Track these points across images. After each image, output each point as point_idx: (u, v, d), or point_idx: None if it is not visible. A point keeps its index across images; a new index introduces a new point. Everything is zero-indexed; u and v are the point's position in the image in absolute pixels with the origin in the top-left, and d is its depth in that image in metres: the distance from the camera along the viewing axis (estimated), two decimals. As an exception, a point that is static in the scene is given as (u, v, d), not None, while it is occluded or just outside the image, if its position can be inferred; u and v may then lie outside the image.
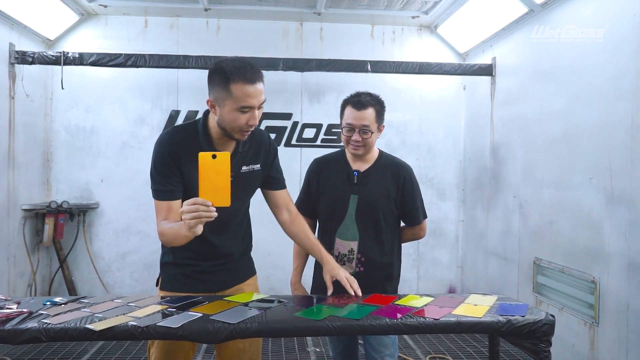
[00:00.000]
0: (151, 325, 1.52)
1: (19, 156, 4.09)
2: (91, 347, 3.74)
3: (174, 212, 1.80)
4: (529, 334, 1.66)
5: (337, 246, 2.23)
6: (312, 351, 3.75)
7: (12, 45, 3.95)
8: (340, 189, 2.23)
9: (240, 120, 1.74)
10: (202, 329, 1.54)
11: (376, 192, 2.20)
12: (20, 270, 4.12)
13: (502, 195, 4.11)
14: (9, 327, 1.48)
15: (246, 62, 1.75)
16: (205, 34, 4.69)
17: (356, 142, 2.14)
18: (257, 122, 1.78)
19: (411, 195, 2.25)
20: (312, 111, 4.83)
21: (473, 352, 3.77)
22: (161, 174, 1.80)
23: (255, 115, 1.75)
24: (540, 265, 3.51)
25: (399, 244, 2.34)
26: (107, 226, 4.66)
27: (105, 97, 4.62)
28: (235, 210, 1.92)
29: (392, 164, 2.27)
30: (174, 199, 1.82)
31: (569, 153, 3.18)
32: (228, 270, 1.99)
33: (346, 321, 1.62)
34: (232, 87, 1.69)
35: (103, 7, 4.41)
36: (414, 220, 2.30)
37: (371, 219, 2.20)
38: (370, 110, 2.13)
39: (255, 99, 1.72)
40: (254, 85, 1.71)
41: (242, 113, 1.73)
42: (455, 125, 4.98)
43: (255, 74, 1.72)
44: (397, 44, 4.89)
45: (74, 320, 1.54)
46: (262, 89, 1.75)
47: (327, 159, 2.36)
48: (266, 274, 4.74)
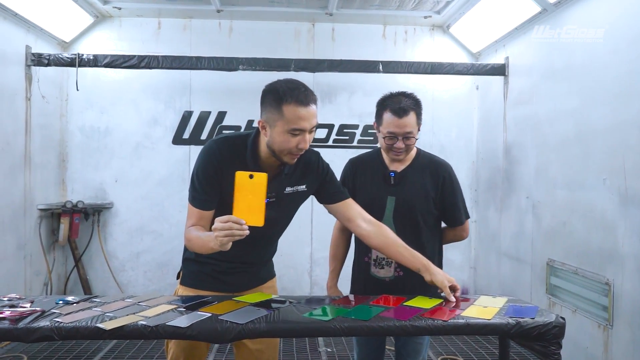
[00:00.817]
0: (160, 324, 1.53)
1: (35, 157, 4.16)
2: (104, 345, 3.79)
3: (204, 219, 1.81)
4: (539, 336, 1.64)
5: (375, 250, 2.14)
6: (324, 351, 3.75)
7: (29, 48, 4.02)
8: (376, 190, 2.16)
9: (291, 143, 1.71)
10: (211, 328, 1.55)
11: (414, 193, 2.12)
12: (36, 269, 4.19)
13: (515, 196, 4.08)
14: (22, 326, 1.51)
15: (300, 84, 1.72)
16: (218, 35, 4.72)
17: (399, 149, 2.07)
18: (307, 146, 1.73)
19: (452, 194, 2.15)
20: (324, 112, 4.83)
21: (485, 354, 3.75)
22: (201, 183, 1.80)
23: (306, 138, 1.72)
24: (554, 266, 3.47)
25: (440, 246, 2.25)
26: (121, 226, 4.71)
27: (119, 99, 4.68)
28: (270, 229, 1.83)
29: (430, 162, 2.18)
30: (207, 209, 1.82)
31: (582, 153, 3.15)
32: (249, 272, 1.99)
33: (354, 322, 1.61)
34: (285, 109, 1.67)
35: (117, 9, 4.46)
36: (455, 220, 2.20)
37: (409, 220, 2.11)
38: (411, 114, 2.03)
39: (307, 122, 1.69)
40: (307, 107, 1.68)
41: (293, 136, 1.70)
42: (468, 126, 4.95)
43: (308, 96, 1.69)
44: (409, 44, 4.87)
45: (85, 319, 1.56)
46: (314, 112, 1.71)
47: (362, 159, 2.29)
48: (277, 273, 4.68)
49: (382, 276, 2.15)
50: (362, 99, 4.82)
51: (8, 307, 1.67)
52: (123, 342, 3.84)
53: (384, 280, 2.15)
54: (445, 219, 2.23)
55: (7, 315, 1.55)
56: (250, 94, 4.71)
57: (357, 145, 4.81)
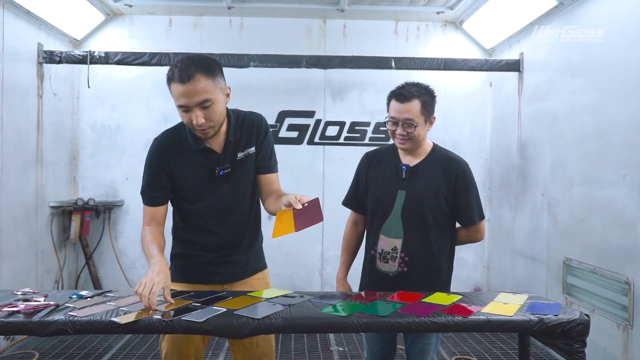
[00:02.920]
0: (175, 319, 1.51)
1: (47, 154, 4.17)
2: (116, 342, 3.78)
3: (157, 216, 1.89)
4: (563, 333, 1.60)
5: (381, 243, 2.12)
6: (335, 350, 3.72)
7: (41, 45, 4.02)
8: (387, 183, 2.13)
9: (185, 119, 1.76)
10: (227, 323, 1.52)
11: (424, 188, 2.07)
12: (47, 266, 4.19)
13: (530, 194, 4.01)
14: (37, 319, 1.49)
15: (187, 60, 1.71)
16: (229, 32, 4.70)
17: (401, 135, 2.05)
18: (200, 121, 1.71)
19: (465, 193, 2.09)
20: (335, 109, 4.80)
21: (500, 354, 3.69)
22: (147, 180, 1.89)
23: (198, 114, 1.70)
24: (571, 265, 3.41)
25: (451, 245, 2.18)
26: (132, 223, 4.71)
27: (130, 96, 4.68)
28: (237, 199, 1.93)
29: (444, 158, 2.13)
30: (157, 205, 1.90)
31: (600, 149, 3.08)
32: (235, 262, 1.97)
33: (372, 318, 1.58)
34: (171, 87, 1.72)
35: (128, 6, 4.46)
36: (468, 220, 2.13)
37: (418, 216, 2.06)
38: (415, 102, 2.01)
39: (187, 98, 1.68)
40: (185, 84, 1.66)
41: (184, 112, 1.73)
42: (481, 122, 4.89)
43: (188, 72, 1.66)
44: (422, 40, 4.82)
45: (99, 314, 1.54)
46: (195, 88, 1.66)
47: (377, 153, 2.28)
48: (288, 272, 4.73)
49: (386, 270, 2.12)
50: (374, 96, 4.78)
51: (22, 301, 1.65)
52: (134, 340, 3.83)
53: (388, 274, 2.12)
54: (457, 218, 2.17)
55: (21, 308, 1.54)
56: (261, 90, 4.74)
57: (369, 142, 4.76)
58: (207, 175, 1.87)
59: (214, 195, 1.89)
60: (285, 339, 3.90)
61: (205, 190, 1.88)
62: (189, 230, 1.91)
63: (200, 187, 1.88)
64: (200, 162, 1.86)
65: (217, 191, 1.89)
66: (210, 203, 1.89)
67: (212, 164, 1.87)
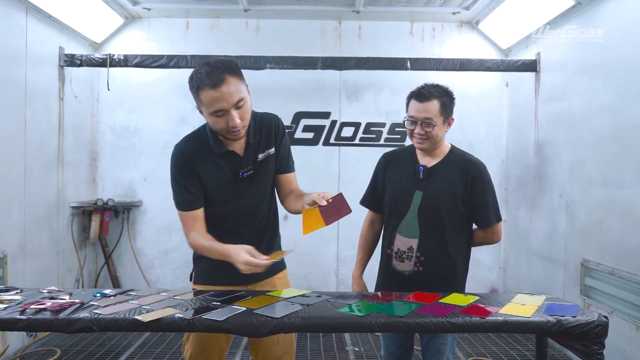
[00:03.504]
0: (197, 317, 1.54)
1: (68, 155, 4.25)
2: (135, 340, 3.84)
3: (198, 221, 1.88)
4: (581, 335, 1.60)
5: (397, 242, 2.15)
6: (351, 350, 3.73)
7: (62, 49, 4.11)
8: (404, 183, 2.16)
9: (220, 124, 1.76)
10: (246, 322, 1.55)
11: (441, 189, 2.10)
12: (68, 265, 4.27)
13: (547, 195, 3.99)
14: (63, 317, 1.54)
15: (211, 65, 1.73)
16: (245, 34, 4.75)
17: (419, 135, 2.08)
18: (237, 122, 1.74)
19: (481, 194, 2.11)
20: (351, 110, 4.82)
21: (517, 356, 3.67)
22: (180, 185, 1.88)
23: (233, 115, 1.73)
24: (588, 267, 3.38)
25: (467, 246, 2.20)
26: (150, 223, 4.78)
27: (148, 98, 4.75)
28: (261, 200, 1.96)
29: (462, 160, 2.16)
30: (196, 208, 1.89)
31: (619, 150, 3.06)
32: None
33: (390, 318, 1.60)
34: (201, 95, 1.72)
35: (146, 10, 4.53)
36: (484, 222, 2.15)
37: (434, 216, 2.09)
38: (434, 102, 2.05)
39: (223, 102, 1.70)
40: (219, 88, 1.68)
41: (218, 117, 1.74)
42: (497, 123, 4.87)
43: (217, 77, 1.69)
44: (437, 40, 4.82)
45: (123, 312, 1.58)
46: (229, 90, 1.70)
47: (396, 153, 2.31)
48: (304, 272, 4.76)
49: (402, 269, 2.14)
50: (389, 97, 4.79)
51: (48, 299, 1.70)
52: (152, 338, 3.89)
53: (403, 273, 2.13)
54: (475, 220, 2.19)
55: (48, 306, 1.58)
56: (277, 92, 4.77)
57: (384, 143, 4.77)
58: (231, 178, 1.90)
59: (238, 198, 1.91)
60: (301, 338, 3.93)
61: (230, 193, 1.91)
62: (212, 233, 1.91)
63: (225, 190, 1.90)
64: (223, 166, 1.89)
65: (241, 193, 1.92)
66: (235, 205, 1.91)
67: (235, 167, 1.90)
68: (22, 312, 1.56)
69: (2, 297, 1.75)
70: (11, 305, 1.64)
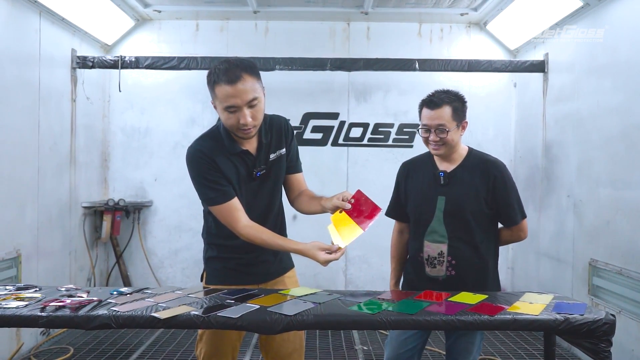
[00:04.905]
0: (212, 315, 1.58)
1: (80, 156, 4.31)
2: (146, 339, 3.89)
3: (239, 210, 1.88)
4: (588, 333, 1.62)
5: (427, 249, 2.16)
6: (360, 349, 3.76)
7: (74, 51, 4.17)
8: (426, 190, 2.19)
9: (231, 120, 1.79)
10: (260, 320, 1.59)
11: (464, 192, 2.13)
12: (80, 265, 4.33)
13: (555, 195, 4.00)
14: (82, 314, 1.58)
15: (230, 62, 1.79)
16: (254, 36, 4.79)
17: (434, 142, 2.11)
18: (248, 120, 1.78)
19: (504, 193, 2.13)
20: (359, 110, 4.85)
21: (524, 354, 3.69)
22: (210, 181, 1.87)
23: (245, 113, 1.77)
24: (596, 266, 3.39)
25: (495, 245, 2.23)
26: (160, 223, 4.83)
27: (158, 99, 4.80)
28: (273, 199, 2.01)
29: (481, 161, 2.18)
30: (232, 197, 1.88)
31: (627, 150, 3.07)
32: (270, 262, 2.05)
33: (400, 316, 1.63)
34: (217, 90, 1.77)
35: (157, 12, 4.58)
36: (510, 220, 2.17)
37: (460, 220, 2.12)
38: (445, 108, 2.08)
39: (237, 98, 1.75)
40: (234, 85, 1.73)
41: (231, 113, 1.78)
42: (505, 124, 4.88)
43: (235, 72, 1.74)
44: (445, 41, 4.84)
45: (140, 309, 1.63)
46: (245, 87, 1.75)
47: (414, 162, 2.34)
48: (313, 272, 4.79)
49: (435, 275, 2.16)
50: (397, 97, 4.82)
51: (67, 296, 1.75)
52: (164, 336, 3.94)
53: (437, 279, 2.16)
54: (500, 219, 2.21)
55: (67, 303, 1.63)
56: (287, 93, 4.81)
57: (392, 144, 4.79)
58: (246, 177, 1.94)
59: (252, 197, 1.95)
60: (310, 337, 3.96)
61: (244, 192, 1.94)
62: (225, 233, 1.93)
63: (240, 189, 1.93)
64: (238, 165, 1.92)
65: (254, 193, 1.95)
66: (249, 204, 1.94)
67: (249, 166, 1.94)
68: (43, 309, 1.61)
69: (22, 294, 1.80)
70: (31, 303, 1.69)
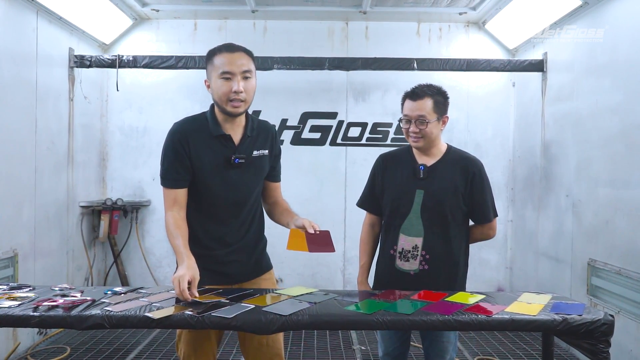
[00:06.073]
0: (206, 314, 1.57)
1: (78, 155, 4.30)
2: (143, 339, 3.88)
3: (179, 201, 1.94)
4: (587, 333, 1.61)
5: (401, 242, 2.17)
6: (358, 349, 3.75)
7: (72, 50, 4.16)
8: (405, 183, 2.19)
9: (225, 87, 1.85)
10: (255, 320, 1.57)
11: (443, 187, 2.13)
12: (78, 264, 4.32)
13: (554, 195, 3.99)
14: (75, 314, 1.57)
15: (232, 43, 1.94)
16: (253, 35, 4.78)
17: (414, 133, 2.12)
18: (240, 88, 1.85)
19: (481, 191, 2.16)
20: (357, 110, 4.84)
21: (522, 354, 3.67)
22: (170, 162, 1.93)
23: (239, 80, 1.85)
24: (595, 266, 3.38)
25: (466, 243, 2.25)
26: (158, 223, 4.81)
27: (156, 98, 4.79)
28: (248, 192, 2.01)
29: (460, 158, 2.20)
30: (180, 187, 1.94)
31: (626, 150, 3.05)
32: (243, 262, 2.03)
33: (397, 316, 1.62)
34: (215, 59, 1.89)
35: (155, 11, 4.57)
36: (483, 217, 2.20)
37: (437, 214, 2.13)
38: (427, 100, 2.09)
39: (234, 65, 1.85)
40: (232, 53, 1.87)
41: (225, 80, 1.85)
42: (504, 123, 4.87)
43: (234, 47, 1.90)
44: (444, 41, 4.83)
45: (134, 309, 1.61)
46: (242, 58, 1.88)
47: (393, 155, 2.34)
48: (311, 271, 4.78)
49: (407, 269, 2.16)
50: (396, 97, 4.78)
51: (60, 296, 1.73)
52: (161, 336, 3.93)
53: (409, 273, 2.15)
54: (473, 216, 2.23)
55: (60, 303, 1.62)
56: (285, 92, 4.80)
57: (391, 143, 4.78)
58: (223, 162, 1.94)
59: (227, 183, 1.95)
60: (308, 337, 3.95)
61: (219, 176, 1.94)
62: (199, 221, 1.98)
63: (215, 173, 1.94)
64: (217, 150, 1.94)
65: (230, 179, 1.95)
66: (223, 190, 1.95)
67: (228, 152, 1.95)
68: (35, 309, 1.59)
69: (15, 294, 1.79)
70: (24, 302, 1.68)
